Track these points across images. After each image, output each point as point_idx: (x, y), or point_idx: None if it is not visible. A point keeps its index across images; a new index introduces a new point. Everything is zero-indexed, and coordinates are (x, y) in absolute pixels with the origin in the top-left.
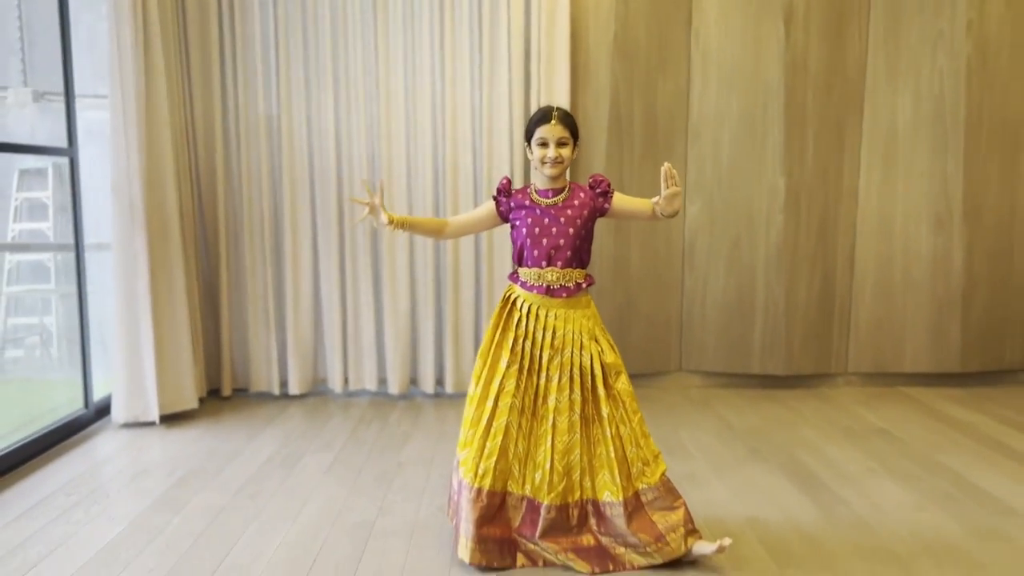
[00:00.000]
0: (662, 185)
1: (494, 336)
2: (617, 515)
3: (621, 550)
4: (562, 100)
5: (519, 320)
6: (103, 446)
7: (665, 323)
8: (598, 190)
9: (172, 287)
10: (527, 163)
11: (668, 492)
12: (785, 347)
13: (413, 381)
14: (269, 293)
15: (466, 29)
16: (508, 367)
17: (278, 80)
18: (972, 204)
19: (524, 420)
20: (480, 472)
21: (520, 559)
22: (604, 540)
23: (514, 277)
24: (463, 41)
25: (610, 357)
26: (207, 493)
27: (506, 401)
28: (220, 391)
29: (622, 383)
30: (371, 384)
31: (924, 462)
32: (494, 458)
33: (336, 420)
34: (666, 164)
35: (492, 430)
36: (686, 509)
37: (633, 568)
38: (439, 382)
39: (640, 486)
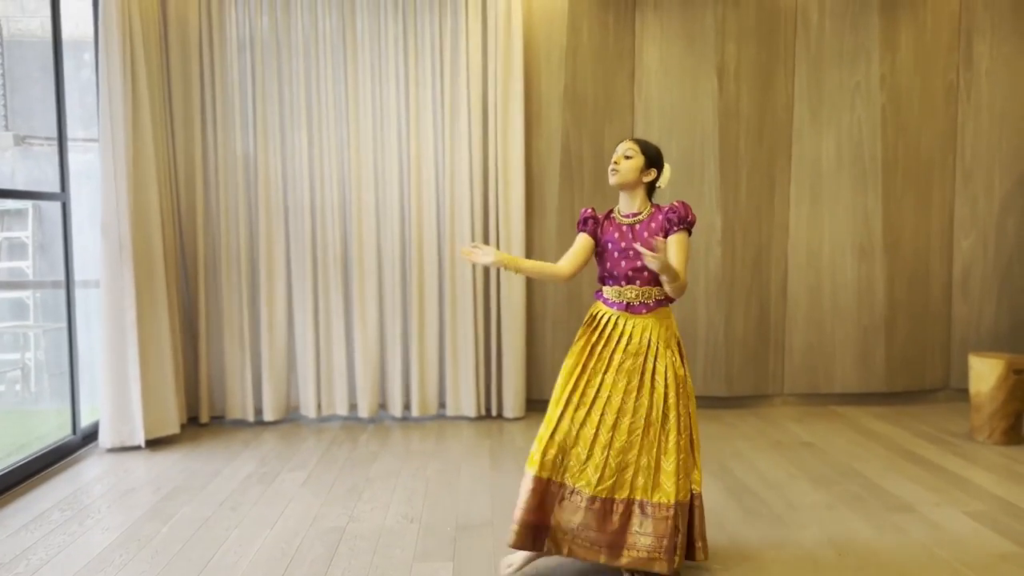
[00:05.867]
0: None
1: (580, 359)
2: (664, 516)
3: (637, 551)
4: (517, 144)
5: (602, 331)
6: (92, 468)
7: None
8: (670, 213)
9: (157, 319)
10: (487, 204)
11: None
12: (725, 371)
13: (382, 406)
14: (245, 324)
15: (429, 77)
16: (590, 373)
17: (255, 123)
18: (891, 237)
19: (583, 415)
20: (544, 463)
21: (548, 545)
22: (638, 539)
23: (599, 294)
24: (426, 88)
25: (681, 370)
26: (192, 506)
27: (577, 401)
28: (198, 418)
29: (688, 394)
30: (342, 409)
31: (840, 469)
32: (553, 451)
33: (310, 442)
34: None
35: (562, 427)
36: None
37: (632, 569)
38: (406, 406)
39: (684, 496)
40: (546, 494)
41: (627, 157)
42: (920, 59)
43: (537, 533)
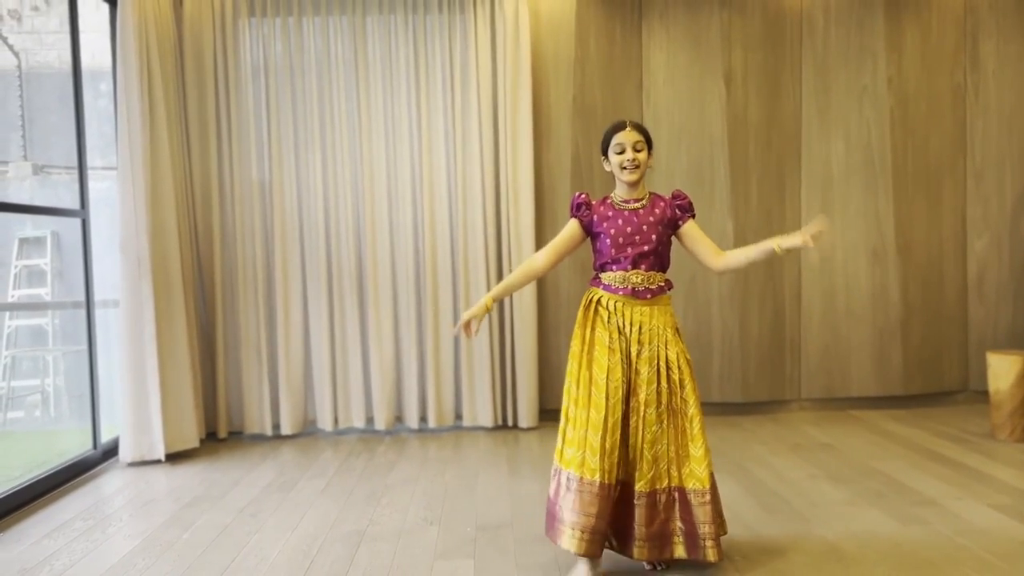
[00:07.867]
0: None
1: (584, 336)
2: (702, 503)
3: (677, 539)
4: (526, 156)
5: (608, 317)
6: (113, 481)
7: None
8: (676, 201)
9: (175, 334)
10: (499, 216)
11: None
12: (741, 377)
13: (398, 418)
14: (262, 341)
15: (439, 95)
16: (610, 364)
17: (269, 145)
18: (903, 239)
19: (621, 413)
20: (607, 468)
21: (610, 543)
22: (685, 528)
23: (596, 282)
24: (437, 105)
25: (689, 354)
26: (213, 513)
27: (616, 397)
28: (216, 433)
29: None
30: (359, 422)
31: (860, 468)
32: (616, 452)
33: (327, 454)
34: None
35: (609, 427)
36: None
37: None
38: (423, 418)
39: (711, 475)
40: (611, 498)
41: (638, 151)
42: (926, 61)
43: (606, 535)
